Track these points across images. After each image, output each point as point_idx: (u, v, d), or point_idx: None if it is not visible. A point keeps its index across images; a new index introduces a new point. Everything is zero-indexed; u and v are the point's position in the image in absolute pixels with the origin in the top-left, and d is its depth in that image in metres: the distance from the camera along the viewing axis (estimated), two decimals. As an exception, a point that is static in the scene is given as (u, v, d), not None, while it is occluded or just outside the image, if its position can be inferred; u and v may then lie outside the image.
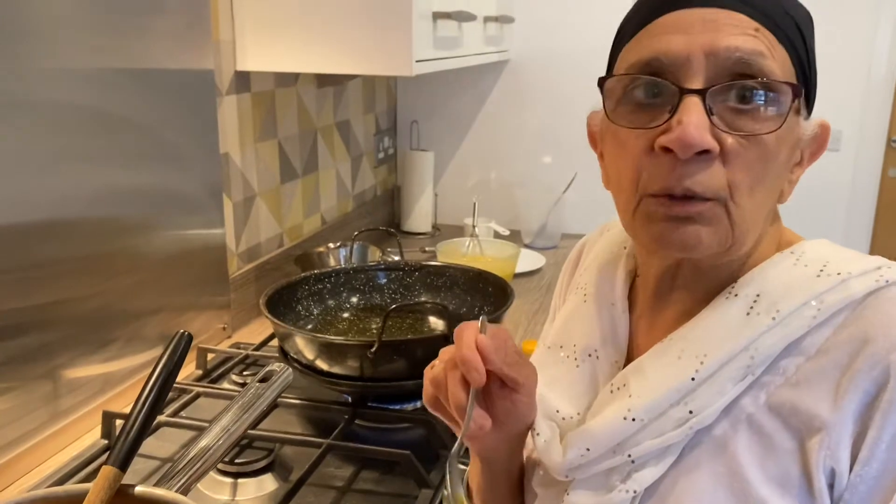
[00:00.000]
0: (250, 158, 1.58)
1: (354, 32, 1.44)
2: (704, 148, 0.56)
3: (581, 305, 0.75)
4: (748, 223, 0.60)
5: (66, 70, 1.07)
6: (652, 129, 0.58)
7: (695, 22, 0.58)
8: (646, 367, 0.63)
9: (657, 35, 0.59)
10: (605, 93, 0.62)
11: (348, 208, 2.09)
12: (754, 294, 0.61)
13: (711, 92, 0.57)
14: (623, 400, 0.63)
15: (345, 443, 1.03)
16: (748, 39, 0.57)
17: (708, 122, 0.56)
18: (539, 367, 0.71)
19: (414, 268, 1.36)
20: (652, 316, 0.70)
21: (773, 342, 0.59)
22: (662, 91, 0.58)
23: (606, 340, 0.71)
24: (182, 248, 1.35)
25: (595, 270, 0.76)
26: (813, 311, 0.59)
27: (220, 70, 1.46)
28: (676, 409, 0.60)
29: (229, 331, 1.51)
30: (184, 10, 1.31)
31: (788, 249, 0.65)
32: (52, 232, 1.06)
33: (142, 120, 1.22)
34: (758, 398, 0.59)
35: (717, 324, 0.61)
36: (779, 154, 0.59)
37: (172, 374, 0.69)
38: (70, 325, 1.10)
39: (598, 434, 0.63)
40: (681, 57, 0.57)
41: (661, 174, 0.58)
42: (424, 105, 2.37)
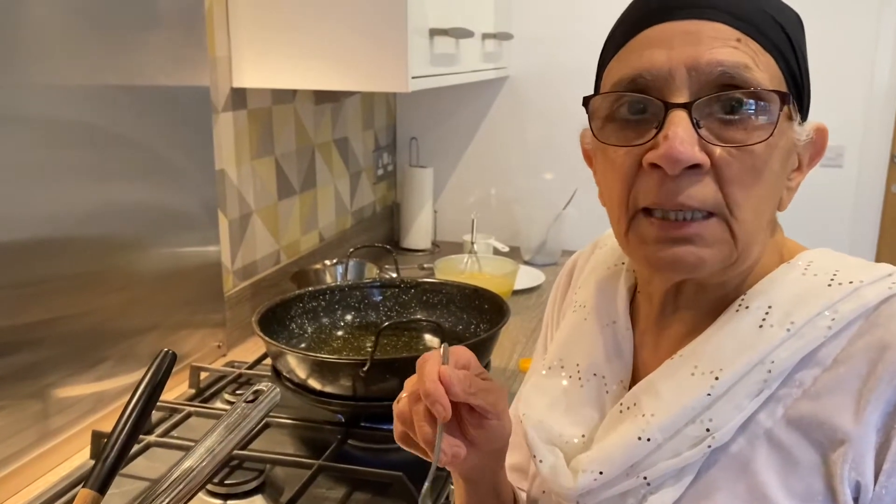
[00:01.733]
0: (247, 175, 1.58)
1: (350, 49, 1.43)
2: (693, 162, 0.55)
3: (581, 324, 0.72)
4: (750, 236, 0.58)
5: (59, 86, 1.06)
6: (639, 145, 0.57)
7: (675, 35, 0.57)
8: (658, 385, 0.61)
9: (639, 51, 0.59)
10: (591, 112, 0.62)
11: (347, 225, 2.08)
12: (766, 306, 0.60)
13: (697, 105, 0.56)
14: (636, 420, 0.61)
15: (337, 464, 1.01)
16: (730, 52, 0.56)
17: (696, 136, 0.55)
18: (537, 391, 0.70)
19: (410, 285, 1.35)
20: (657, 333, 0.68)
21: (788, 354, 0.58)
22: (648, 107, 0.58)
23: (611, 359, 0.68)
24: (176, 266, 1.34)
25: (593, 287, 0.74)
26: (827, 321, 0.58)
27: (216, 86, 1.46)
28: (692, 427, 0.58)
29: (224, 349, 1.50)
30: (179, 26, 1.31)
31: (795, 259, 0.63)
32: (44, 249, 1.05)
33: (136, 136, 1.22)
34: (775, 412, 0.58)
35: (730, 337, 0.60)
36: (772, 163, 0.58)
37: (155, 393, 0.68)
38: (60, 343, 1.09)
39: (611, 456, 0.60)
40: (663, 72, 0.57)
41: (652, 190, 0.57)
42: (424, 121, 2.37)
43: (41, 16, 1.02)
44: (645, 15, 0.60)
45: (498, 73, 2.15)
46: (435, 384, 0.60)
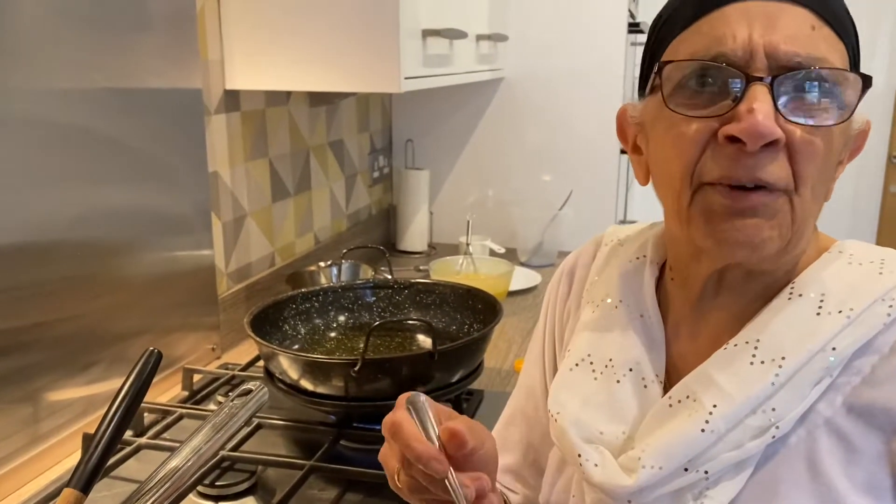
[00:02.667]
0: (240, 177, 1.57)
1: (343, 50, 1.43)
2: (774, 138, 0.54)
3: (608, 318, 0.71)
4: (807, 217, 0.59)
5: (50, 88, 1.06)
6: (715, 117, 0.57)
7: (756, 14, 0.57)
8: (715, 376, 0.60)
9: (718, 25, 0.58)
10: (664, 79, 0.60)
11: (342, 227, 2.07)
12: (819, 293, 0.60)
13: (779, 81, 0.55)
14: (696, 412, 0.59)
15: (329, 464, 1.01)
16: (806, 42, 0.56)
17: (775, 112, 0.55)
18: (567, 388, 0.69)
19: (403, 285, 1.35)
20: (693, 321, 0.67)
21: (850, 341, 0.58)
22: (728, 79, 0.57)
23: (645, 352, 0.67)
24: (170, 269, 1.34)
25: (616, 281, 0.72)
26: (886, 308, 0.58)
27: (209, 89, 1.46)
28: (755, 417, 0.58)
29: (218, 351, 1.49)
30: (171, 28, 1.31)
31: (835, 249, 0.64)
32: (35, 252, 1.05)
33: (128, 139, 1.22)
34: (834, 401, 0.58)
35: (789, 325, 0.59)
36: (838, 147, 0.59)
37: (140, 392, 0.67)
38: (52, 347, 1.09)
39: (671, 449, 0.59)
40: (746, 49, 0.56)
41: (726, 164, 0.56)
42: (419, 123, 2.36)
43: (31, 18, 1.02)
44: None
45: (493, 74, 2.15)
46: (423, 444, 0.57)
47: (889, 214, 3.51)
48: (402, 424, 0.58)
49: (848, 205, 3.51)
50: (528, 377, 0.85)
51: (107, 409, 0.65)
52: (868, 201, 3.49)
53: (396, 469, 0.61)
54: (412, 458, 0.57)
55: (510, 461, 0.83)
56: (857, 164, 2.66)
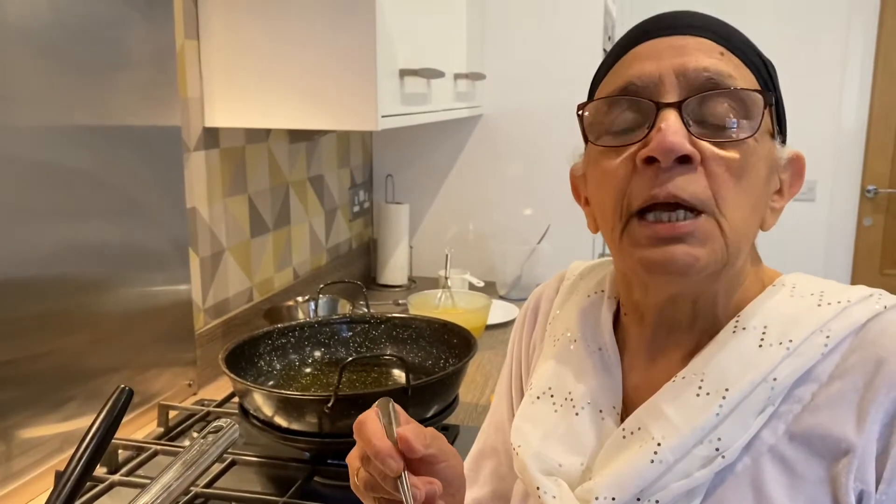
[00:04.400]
0: (219, 213, 1.59)
1: (321, 89, 1.46)
2: (684, 152, 0.58)
3: (567, 352, 0.73)
4: (739, 238, 0.61)
5: (29, 125, 1.07)
6: (633, 144, 0.60)
7: (664, 49, 0.62)
8: (664, 408, 0.62)
9: (630, 63, 0.63)
10: (585, 120, 0.65)
11: (322, 261, 2.09)
12: (762, 326, 0.63)
13: (686, 104, 0.59)
14: (646, 443, 0.61)
15: (302, 500, 1.01)
16: (715, 62, 0.61)
17: (685, 131, 0.58)
18: (528, 421, 0.71)
19: (380, 320, 1.36)
20: (649, 357, 0.69)
21: (790, 371, 0.60)
22: (640, 109, 0.61)
23: (602, 385, 0.69)
24: (146, 304, 1.34)
25: (575, 315, 0.75)
26: (823, 338, 0.61)
27: (188, 126, 1.47)
28: (701, 447, 0.60)
29: (195, 387, 1.49)
30: (151, 67, 1.33)
31: (779, 282, 0.67)
32: (9, 289, 1.05)
33: (106, 176, 1.23)
34: (777, 429, 0.60)
35: (732, 357, 0.62)
36: (757, 167, 0.61)
37: (111, 430, 0.68)
38: (25, 383, 1.09)
39: (622, 480, 0.61)
40: (654, 78, 0.60)
41: (646, 185, 0.59)
42: (399, 158, 2.39)
43: (11, 55, 1.04)
44: (635, 36, 0.65)
45: (472, 111, 2.18)
46: (382, 441, 0.60)
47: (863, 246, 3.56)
48: (367, 423, 0.62)
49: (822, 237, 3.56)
50: (496, 411, 0.86)
51: (76, 446, 0.66)
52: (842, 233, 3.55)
53: (357, 467, 0.63)
54: (371, 454, 0.60)
55: (480, 495, 0.84)
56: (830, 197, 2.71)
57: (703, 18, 0.64)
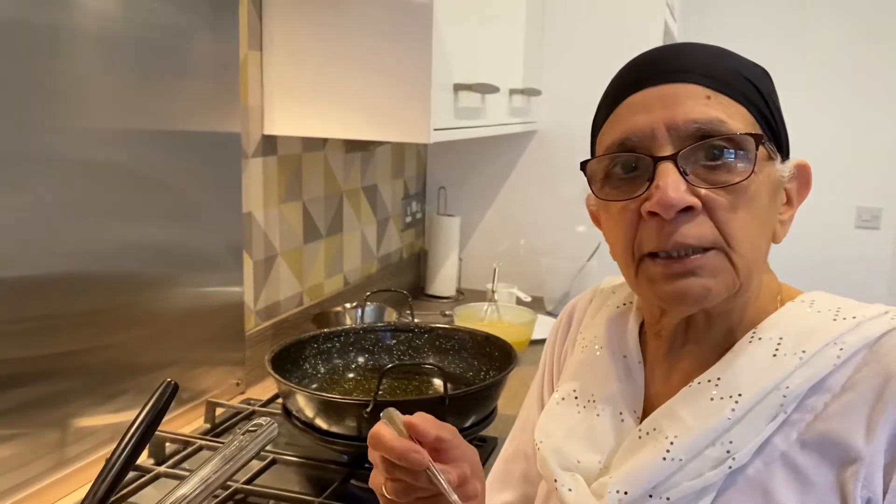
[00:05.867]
0: (273, 218, 1.63)
1: (376, 101, 1.49)
2: (684, 205, 0.61)
3: (594, 358, 0.77)
4: (750, 264, 0.64)
5: (96, 129, 1.13)
6: (636, 198, 0.63)
7: (653, 100, 0.64)
8: (679, 411, 0.65)
9: (624, 117, 0.66)
10: (589, 174, 0.68)
11: (372, 270, 2.12)
12: (777, 337, 0.65)
13: (681, 155, 0.62)
14: (660, 442, 0.65)
15: (337, 502, 1.03)
16: (703, 109, 0.63)
17: (684, 182, 0.61)
18: (552, 420, 0.75)
19: (423, 330, 1.38)
20: (667, 367, 0.72)
21: (802, 381, 0.62)
22: (639, 163, 0.64)
23: (624, 390, 0.73)
24: (199, 304, 1.39)
25: (604, 325, 0.79)
26: (836, 350, 0.63)
27: (248, 133, 1.52)
28: (713, 448, 0.63)
29: (243, 386, 1.53)
30: (215, 76, 1.38)
31: (799, 298, 0.69)
32: (70, 284, 1.11)
33: (166, 178, 1.28)
34: (789, 436, 0.63)
35: (747, 365, 0.65)
36: (759, 197, 0.64)
37: (155, 421, 0.71)
38: (82, 375, 1.14)
39: (636, 476, 0.64)
40: (647, 132, 0.63)
41: (652, 236, 0.62)
42: (453, 171, 2.42)
43: (81, 62, 1.09)
44: (626, 85, 0.67)
45: (526, 127, 2.20)
46: (400, 441, 0.64)
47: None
48: (380, 432, 0.65)
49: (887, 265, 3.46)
50: (526, 416, 0.89)
51: (122, 436, 0.69)
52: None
53: (383, 481, 0.66)
54: (393, 457, 0.63)
55: (510, 497, 0.86)
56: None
57: (688, 59, 0.65)
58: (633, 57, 0.70)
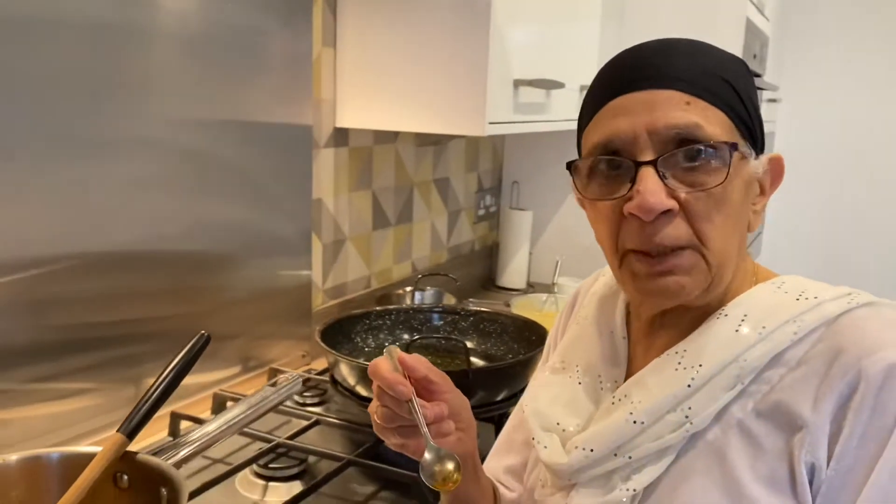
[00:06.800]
0: (343, 205, 1.75)
1: (438, 96, 1.58)
2: (663, 209, 0.66)
3: (582, 333, 0.84)
4: (721, 260, 0.69)
5: (178, 117, 1.27)
6: (618, 198, 0.68)
7: (635, 105, 0.68)
8: (646, 379, 0.72)
9: (607, 119, 0.70)
10: (575, 173, 0.73)
11: (442, 259, 2.21)
12: (741, 314, 0.70)
13: (661, 161, 0.66)
14: (626, 406, 0.71)
15: (367, 461, 1.13)
16: (682, 115, 0.67)
17: (663, 186, 0.66)
18: (541, 388, 0.82)
19: (469, 313, 1.46)
20: (646, 345, 0.78)
21: (759, 355, 0.67)
22: (621, 165, 0.69)
23: (607, 361, 0.79)
24: (269, 281, 1.52)
25: (595, 302, 0.85)
26: (794, 327, 0.67)
27: (320, 125, 1.64)
28: (674, 414, 0.68)
29: (308, 359, 1.65)
30: (289, 71, 1.51)
31: (770, 281, 0.73)
32: (151, 258, 1.25)
33: (242, 164, 1.41)
34: (746, 406, 0.67)
35: (710, 339, 0.70)
36: (733, 197, 0.68)
37: (188, 364, 0.83)
38: (156, 339, 1.27)
39: (601, 436, 0.71)
40: (629, 136, 0.68)
41: (634, 234, 0.68)
42: (528, 166, 2.47)
43: (165, 56, 1.23)
44: (610, 88, 0.71)
45: (599, 123, 2.22)
46: (392, 374, 0.72)
47: None
48: (378, 364, 0.74)
49: None
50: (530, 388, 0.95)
51: (158, 374, 0.81)
52: None
53: (375, 408, 0.75)
54: (383, 385, 0.72)
55: (513, 462, 0.93)
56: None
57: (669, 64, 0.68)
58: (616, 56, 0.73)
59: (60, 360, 1.15)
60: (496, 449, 0.97)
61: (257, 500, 1.09)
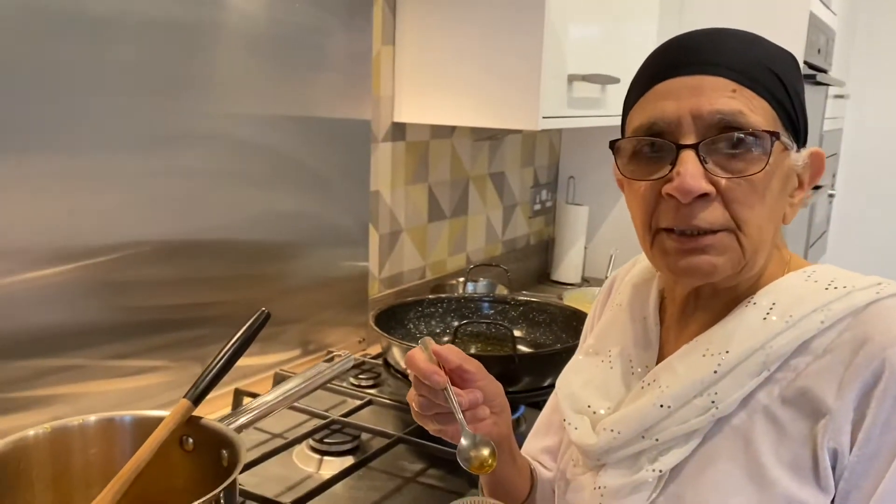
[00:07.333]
0: (399, 198, 1.81)
1: (494, 91, 1.62)
2: (701, 192, 0.67)
3: (616, 318, 0.86)
4: (756, 245, 0.70)
5: (241, 113, 1.34)
6: (657, 179, 0.70)
7: (681, 89, 0.70)
8: (675, 364, 0.74)
9: (653, 102, 0.72)
10: (617, 152, 0.75)
11: (496, 252, 2.25)
12: (770, 303, 0.72)
13: (703, 145, 0.68)
14: (654, 391, 0.73)
15: (415, 438, 1.18)
16: (727, 101, 0.68)
17: (702, 170, 0.68)
18: (574, 372, 0.85)
19: (519, 303, 1.50)
20: (678, 330, 0.80)
21: (785, 342, 0.69)
22: (663, 147, 0.70)
23: (639, 346, 0.81)
24: (328, 269, 1.59)
25: (630, 289, 0.87)
26: (821, 316, 0.69)
27: (378, 120, 1.70)
28: (700, 399, 0.70)
29: (365, 344, 1.72)
30: (348, 68, 1.57)
31: (801, 269, 0.75)
32: (217, 246, 1.33)
33: (303, 158, 1.48)
34: (772, 392, 0.69)
35: (738, 327, 0.72)
36: (771, 186, 0.70)
37: (249, 339, 0.90)
38: (220, 323, 1.35)
39: (629, 418, 0.73)
40: (673, 120, 0.69)
41: (670, 215, 0.70)
42: (584, 161, 2.49)
43: (229, 55, 1.31)
44: (658, 71, 0.73)
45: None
46: (427, 364, 0.77)
47: None
48: (414, 355, 0.78)
49: None
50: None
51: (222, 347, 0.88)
52: None
53: (413, 396, 0.79)
54: (419, 375, 0.76)
55: (551, 443, 0.97)
56: None
57: (719, 51, 0.70)
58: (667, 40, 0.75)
59: (135, 339, 1.23)
60: (535, 430, 1.01)
61: (312, 472, 1.16)
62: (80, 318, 1.15)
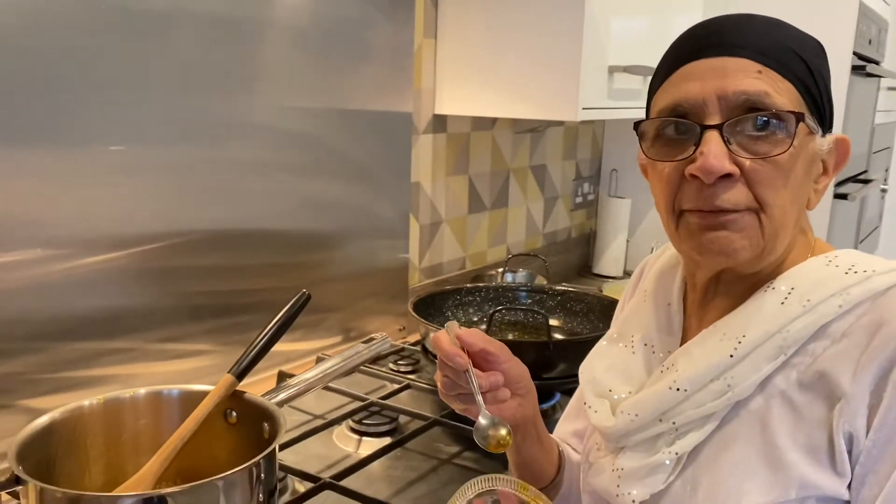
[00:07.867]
0: (440, 189, 1.83)
1: (534, 83, 1.64)
2: (724, 172, 0.67)
3: (641, 304, 0.87)
4: (777, 228, 0.70)
5: (286, 105, 1.39)
6: (681, 160, 0.71)
7: (707, 70, 0.70)
8: (692, 349, 0.74)
9: (677, 84, 0.72)
10: (642, 134, 0.75)
11: (537, 244, 2.26)
12: (789, 287, 0.71)
13: (727, 125, 0.68)
14: (671, 374, 0.74)
15: (451, 421, 1.21)
16: (752, 82, 0.68)
17: (726, 151, 0.68)
18: (597, 357, 0.86)
19: (556, 292, 1.51)
20: (700, 316, 0.81)
21: (802, 326, 0.69)
22: (687, 129, 0.71)
23: (662, 332, 0.82)
24: (370, 259, 1.62)
25: (655, 276, 0.88)
26: (839, 300, 0.68)
27: (419, 112, 1.73)
28: (717, 382, 0.71)
29: (405, 332, 1.75)
30: (391, 61, 1.60)
31: (823, 254, 0.74)
32: (260, 235, 1.37)
33: (345, 149, 1.52)
34: (789, 376, 0.69)
35: (756, 311, 0.72)
36: (796, 169, 0.70)
37: (291, 318, 0.93)
38: (265, 309, 1.39)
39: (646, 402, 0.74)
40: (698, 101, 0.70)
41: (693, 196, 0.70)
42: (627, 154, 2.49)
43: (276, 49, 1.35)
44: (683, 53, 0.73)
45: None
46: (451, 347, 0.80)
47: None
48: (440, 337, 0.81)
49: None
50: None
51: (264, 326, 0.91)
52: None
53: (439, 376, 0.83)
54: (443, 357, 0.79)
55: (580, 426, 0.98)
56: None
57: (745, 34, 0.70)
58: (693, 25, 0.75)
59: (184, 323, 1.28)
60: (566, 414, 1.03)
61: (351, 451, 1.19)
62: (132, 303, 1.20)
